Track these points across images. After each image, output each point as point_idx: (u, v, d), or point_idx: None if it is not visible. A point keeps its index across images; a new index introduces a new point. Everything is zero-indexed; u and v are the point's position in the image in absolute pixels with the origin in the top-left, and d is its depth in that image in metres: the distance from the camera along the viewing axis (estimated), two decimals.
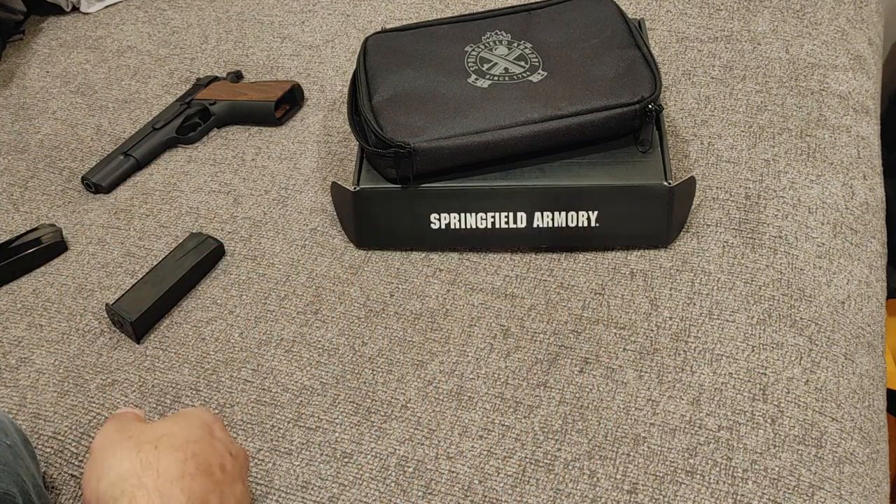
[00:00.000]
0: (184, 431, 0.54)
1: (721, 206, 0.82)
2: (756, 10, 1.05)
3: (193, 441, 0.54)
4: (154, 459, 0.51)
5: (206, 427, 0.56)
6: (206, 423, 0.57)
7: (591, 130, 0.79)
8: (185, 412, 0.58)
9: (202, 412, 0.58)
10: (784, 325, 0.72)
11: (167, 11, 1.18)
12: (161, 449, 0.52)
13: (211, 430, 0.56)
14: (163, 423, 0.56)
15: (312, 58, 1.06)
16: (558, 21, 0.89)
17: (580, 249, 0.80)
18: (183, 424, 0.56)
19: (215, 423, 0.58)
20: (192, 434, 0.54)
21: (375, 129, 0.77)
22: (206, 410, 0.59)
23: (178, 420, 0.57)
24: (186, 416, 0.57)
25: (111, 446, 0.53)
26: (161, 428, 0.55)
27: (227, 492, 0.53)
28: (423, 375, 0.71)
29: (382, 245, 0.82)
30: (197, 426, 0.56)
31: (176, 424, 0.56)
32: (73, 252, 0.85)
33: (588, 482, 0.63)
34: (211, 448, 0.54)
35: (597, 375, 0.70)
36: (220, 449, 0.55)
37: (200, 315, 0.78)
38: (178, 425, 0.55)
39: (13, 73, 1.10)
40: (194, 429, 0.55)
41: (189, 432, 0.55)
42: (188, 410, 0.59)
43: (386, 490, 0.64)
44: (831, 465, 0.64)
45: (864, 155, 0.89)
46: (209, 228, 0.86)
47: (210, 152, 0.95)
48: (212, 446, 0.55)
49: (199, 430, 0.55)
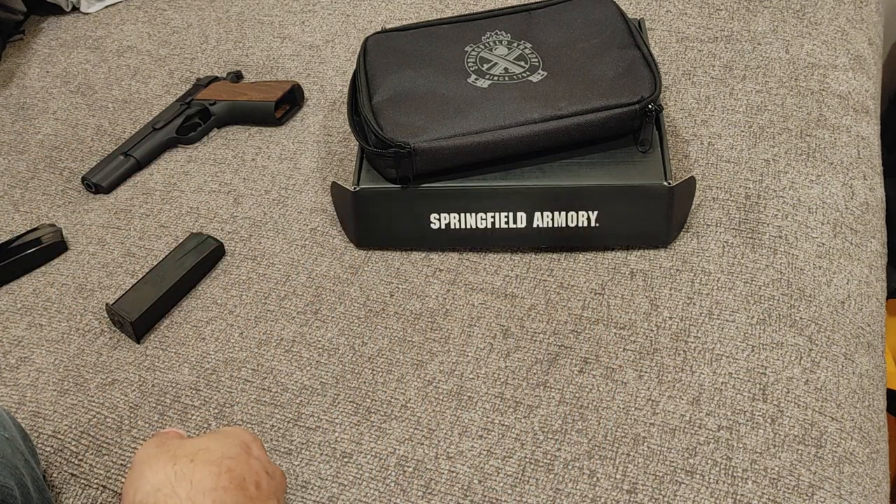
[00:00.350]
0: (221, 447, 0.55)
1: (721, 206, 0.82)
2: (756, 10, 1.05)
3: (229, 457, 0.55)
4: (189, 471, 0.52)
5: (244, 445, 0.57)
6: (245, 441, 0.58)
7: (591, 130, 0.79)
8: (225, 430, 0.59)
9: (241, 431, 0.59)
10: (784, 325, 0.72)
11: (167, 11, 1.18)
12: (196, 462, 0.53)
13: (248, 448, 0.57)
14: (201, 438, 0.57)
15: (312, 58, 1.06)
16: (558, 21, 0.89)
17: (580, 249, 0.80)
18: (221, 441, 0.56)
19: (254, 442, 0.58)
20: (229, 450, 0.55)
21: (375, 129, 0.77)
22: (245, 430, 0.60)
23: (217, 436, 0.57)
24: (225, 434, 0.58)
25: (149, 459, 0.55)
26: (199, 443, 0.56)
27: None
28: (422, 375, 0.71)
29: (382, 245, 0.82)
30: (235, 444, 0.56)
31: (213, 440, 0.56)
32: (73, 252, 0.85)
33: (588, 482, 0.63)
34: (247, 465, 0.55)
35: (596, 375, 0.70)
36: (257, 467, 0.56)
37: (200, 315, 0.78)
38: (216, 441, 0.56)
39: (13, 73, 1.10)
40: (231, 446, 0.56)
41: (226, 448, 0.55)
42: (228, 429, 0.59)
43: (386, 490, 0.64)
44: (831, 464, 0.64)
45: (864, 155, 0.89)
46: (209, 228, 0.86)
47: (210, 152, 0.95)
48: (248, 464, 0.55)
49: (236, 448, 0.56)
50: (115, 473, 0.67)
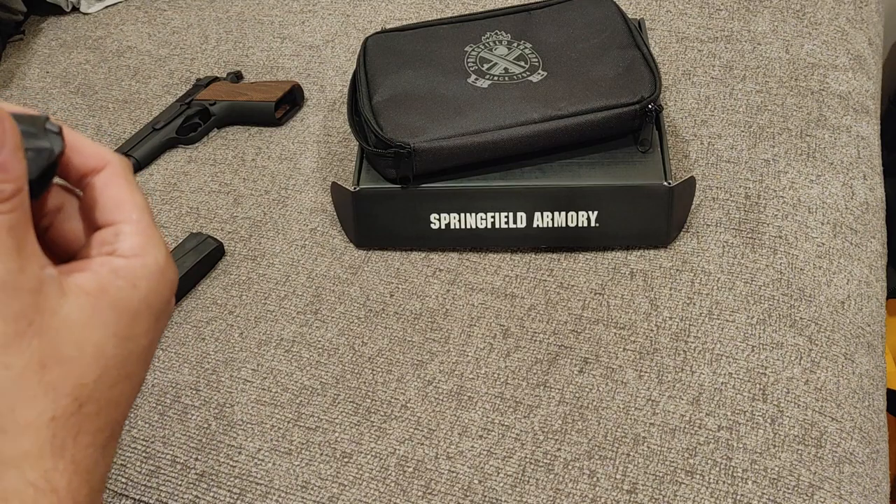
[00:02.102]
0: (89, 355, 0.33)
1: (721, 206, 0.82)
2: (756, 10, 1.05)
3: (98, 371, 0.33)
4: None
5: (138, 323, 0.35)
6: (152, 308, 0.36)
7: (591, 130, 0.79)
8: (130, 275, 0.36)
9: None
10: (784, 325, 0.72)
11: (167, 12, 1.18)
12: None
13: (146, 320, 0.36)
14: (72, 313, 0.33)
15: (312, 58, 1.06)
16: (558, 21, 0.89)
17: (580, 249, 0.80)
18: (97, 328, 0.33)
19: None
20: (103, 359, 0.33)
21: (375, 130, 0.77)
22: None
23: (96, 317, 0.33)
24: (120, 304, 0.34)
25: None
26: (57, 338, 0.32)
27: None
28: (422, 375, 0.71)
29: (382, 245, 0.82)
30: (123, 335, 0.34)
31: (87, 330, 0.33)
32: None
33: (588, 482, 0.63)
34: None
35: (596, 375, 0.70)
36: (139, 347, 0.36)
37: (200, 315, 0.78)
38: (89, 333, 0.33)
39: (13, 74, 1.10)
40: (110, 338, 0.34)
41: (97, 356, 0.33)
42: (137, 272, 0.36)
43: (386, 490, 0.64)
44: (831, 464, 0.64)
45: (864, 155, 0.89)
46: (209, 228, 0.86)
47: (210, 152, 0.95)
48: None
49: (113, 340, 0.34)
50: (115, 473, 0.67)
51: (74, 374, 0.33)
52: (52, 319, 0.32)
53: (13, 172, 0.31)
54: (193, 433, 0.69)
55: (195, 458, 0.67)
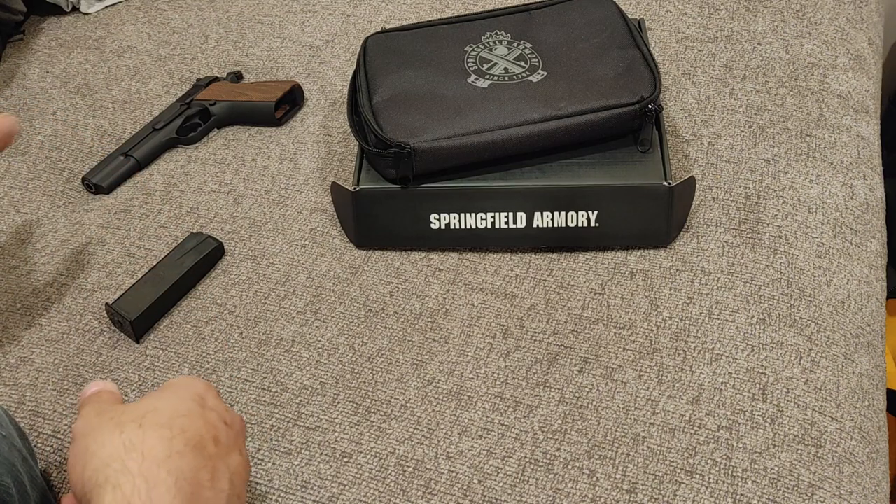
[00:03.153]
0: (170, 405, 0.50)
1: (721, 206, 0.82)
2: (756, 10, 1.05)
3: (181, 415, 0.49)
4: (138, 440, 0.47)
5: (197, 397, 0.52)
6: (197, 392, 0.52)
7: (591, 130, 0.79)
8: (173, 383, 0.54)
9: (192, 381, 0.54)
10: (784, 325, 0.72)
11: (167, 12, 1.18)
12: (146, 427, 0.48)
13: (202, 399, 0.52)
14: (147, 399, 0.51)
15: (312, 58, 1.06)
16: (558, 21, 0.89)
17: (580, 249, 0.80)
18: (169, 398, 0.51)
19: (207, 391, 0.53)
20: (181, 407, 0.50)
21: (375, 130, 0.77)
22: (196, 378, 0.54)
23: (164, 394, 0.52)
24: (174, 388, 0.53)
25: (92, 431, 0.49)
26: (145, 405, 0.50)
27: (221, 466, 0.49)
28: (422, 375, 0.71)
29: (382, 245, 0.82)
30: (186, 398, 0.51)
31: (161, 399, 0.51)
32: (72, 252, 0.85)
33: (587, 482, 0.63)
34: (202, 420, 0.50)
35: (596, 375, 0.70)
36: (214, 419, 0.51)
37: (200, 315, 0.78)
38: (164, 400, 0.51)
39: (13, 74, 1.10)
40: (183, 401, 0.51)
41: (176, 406, 0.50)
42: (176, 381, 0.54)
43: (385, 490, 0.64)
44: (831, 464, 0.64)
45: (864, 155, 0.89)
46: (209, 228, 0.86)
47: (210, 152, 0.95)
48: (203, 418, 0.50)
49: (188, 402, 0.51)
50: None
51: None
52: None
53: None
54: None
55: None
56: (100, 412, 0.51)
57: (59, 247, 0.86)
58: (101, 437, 0.48)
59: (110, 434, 0.48)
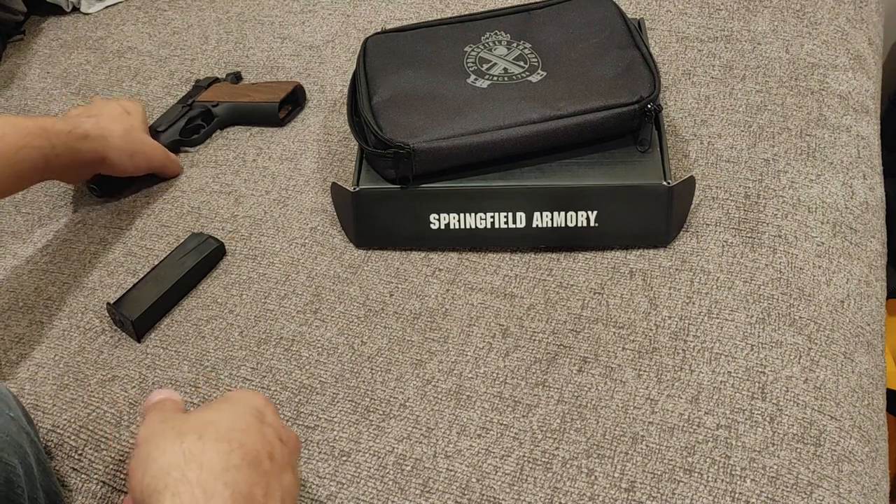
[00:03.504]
0: (229, 419, 0.52)
1: (720, 206, 0.82)
2: (756, 10, 1.05)
3: (240, 429, 0.51)
4: (198, 451, 0.49)
5: (256, 412, 0.54)
6: (256, 408, 0.54)
7: (591, 130, 0.79)
8: (234, 396, 0.55)
9: (252, 396, 0.55)
10: (783, 324, 0.72)
11: (167, 12, 1.18)
12: (205, 439, 0.50)
13: (261, 415, 0.54)
14: (207, 410, 0.54)
15: (312, 58, 1.06)
16: (558, 21, 0.90)
17: (579, 249, 0.80)
18: (229, 411, 0.53)
19: (266, 406, 0.55)
20: (239, 422, 0.52)
21: (375, 130, 0.78)
22: (256, 394, 0.56)
23: (224, 406, 0.54)
24: (234, 401, 0.54)
25: (154, 438, 0.51)
26: (205, 416, 0.52)
27: (274, 483, 0.51)
28: (421, 374, 0.71)
29: (382, 245, 0.82)
30: (245, 412, 0.53)
31: (220, 412, 0.53)
32: (74, 251, 0.86)
33: (586, 480, 0.63)
34: (259, 436, 0.52)
35: (595, 374, 0.70)
36: (270, 436, 0.52)
37: (200, 314, 0.78)
38: (224, 413, 0.53)
39: (14, 74, 1.10)
40: (242, 415, 0.53)
41: (235, 420, 0.52)
42: (236, 394, 0.56)
43: (384, 488, 0.64)
44: (830, 463, 0.64)
45: (864, 155, 0.89)
46: (210, 228, 0.86)
47: (211, 153, 0.95)
48: (260, 434, 0.52)
49: (246, 417, 0.53)
50: (114, 469, 0.67)
51: None
52: None
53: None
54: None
55: None
56: (163, 419, 0.53)
57: (61, 246, 0.86)
58: (163, 444, 0.50)
59: (171, 443, 0.50)
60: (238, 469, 0.49)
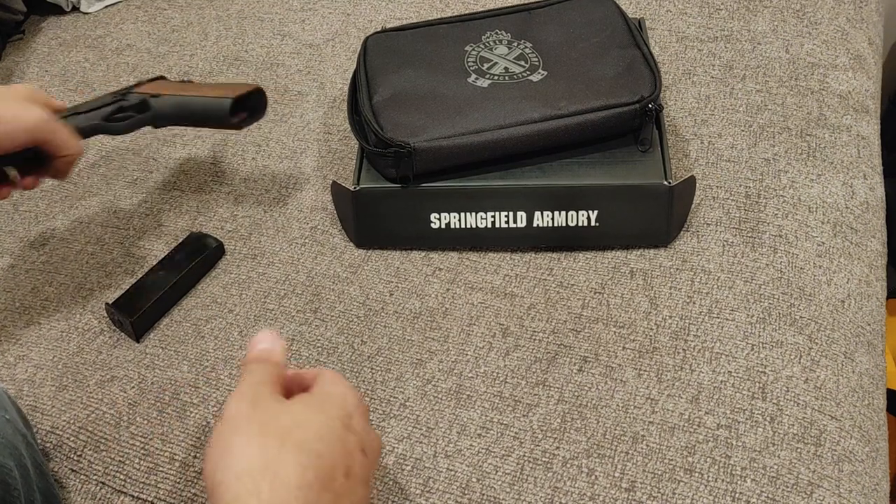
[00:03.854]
0: (315, 424, 0.50)
1: (721, 206, 0.82)
2: (756, 9, 1.05)
3: (322, 438, 0.49)
4: (275, 459, 0.48)
5: (345, 416, 0.52)
6: (347, 410, 0.52)
7: (591, 130, 0.79)
8: (329, 393, 0.53)
9: (345, 394, 0.53)
10: (784, 324, 0.72)
11: (167, 11, 1.18)
12: (286, 448, 0.48)
13: (349, 419, 0.52)
14: (298, 406, 0.51)
15: (313, 56, 1.06)
16: (558, 20, 0.90)
17: (580, 249, 0.80)
18: (317, 413, 0.51)
19: (356, 409, 0.53)
20: (324, 429, 0.50)
21: (375, 129, 0.77)
22: (351, 391, 0.53)
23: (314, 403, 0.52)
24: (326, 400, 0.52)
25: (239, 427, 0.49)
26: (294, 417, 0.50)
27: (345, 502, 0.49)
28: (421, 374, 0.71)
29: (382, 244, 0.82)
30: (334, 415, 0.51)
31: (309, 411, 0.51)
32: (72, 251, 0.85)
33: (586, 480, 0.63)
34: (341, 446, 0.50)
35: (596, 374, 0.70)
36: (352, 447, 0.51)
37: (200, 314, 0.78)
38: (312, 413, 0.51)
39: (11, 72, 1.10)
40: (329, 419, 0.51)
41: (320, 426, 0.50)
42: (332, 390, 0.53)
43: (384, 488, 0.64)
44: (830, 463, 0.64)
45: (864, 154, 0.89)
46: (209, 227, 0.86)
47: (210, 152, 0.95)
48: (342, 444, 0.50)
49: (333, 422, 0.51)
50: (114, 469, 0.67)
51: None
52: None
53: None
54: (192, 431, 0.69)
55: (194, 456, 0.67)
56: (255, 402, 0.51)
57: (58, 245, 0.86)
58: (245, 440, 0.49)
59: (252, 444, 0.49)
60: (310, 487, 0.47)
